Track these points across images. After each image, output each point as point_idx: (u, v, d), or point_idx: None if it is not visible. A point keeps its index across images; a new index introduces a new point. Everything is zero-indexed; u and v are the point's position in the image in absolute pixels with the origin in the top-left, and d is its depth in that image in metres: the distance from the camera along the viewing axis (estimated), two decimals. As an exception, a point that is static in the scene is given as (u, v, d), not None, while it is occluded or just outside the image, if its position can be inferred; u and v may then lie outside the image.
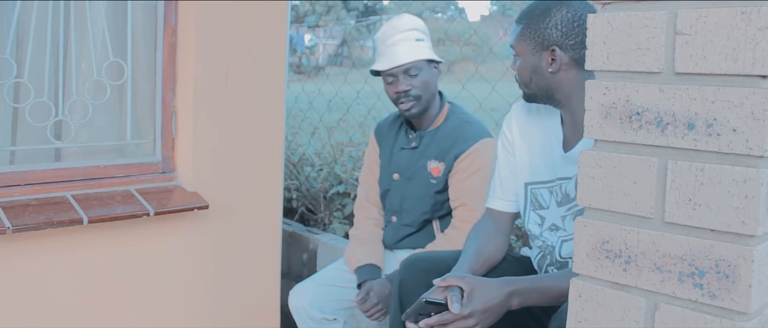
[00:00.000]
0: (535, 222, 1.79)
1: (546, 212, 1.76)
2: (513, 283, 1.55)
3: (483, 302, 1.51)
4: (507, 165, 1.85)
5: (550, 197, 1.75)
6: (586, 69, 1.60)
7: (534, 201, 1.78)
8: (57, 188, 2.21)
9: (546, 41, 1.62)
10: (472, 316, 1.50)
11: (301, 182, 3.81)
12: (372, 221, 2.44)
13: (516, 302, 1.55)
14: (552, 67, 1.62)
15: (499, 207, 1.87)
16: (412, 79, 2.23)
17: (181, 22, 2.37)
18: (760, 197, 0.86)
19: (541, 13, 1.63)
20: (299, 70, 9.17)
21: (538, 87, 1.67)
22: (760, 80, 0.86)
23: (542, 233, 1.77)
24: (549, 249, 1.75)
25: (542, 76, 1.65)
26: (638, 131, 0.96)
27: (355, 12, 19.14)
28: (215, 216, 2.43)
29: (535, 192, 1.78)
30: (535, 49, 1.64)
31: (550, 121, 1.76)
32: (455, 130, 2.27)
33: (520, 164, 1.82)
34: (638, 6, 0.97)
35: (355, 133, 4.28)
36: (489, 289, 1.52)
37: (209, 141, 2.41)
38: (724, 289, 0.89)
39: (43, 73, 2.21)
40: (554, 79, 1.64)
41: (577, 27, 1.60)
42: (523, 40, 1.65)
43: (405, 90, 2.23)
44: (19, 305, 2.10)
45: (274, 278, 2.64)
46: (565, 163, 1.71)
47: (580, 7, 1.62)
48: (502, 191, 1.86)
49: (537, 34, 1.63)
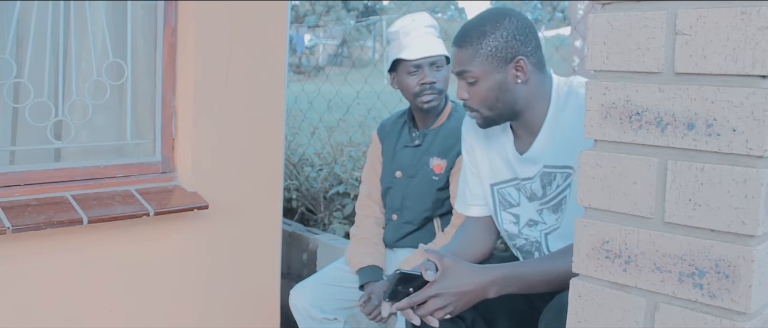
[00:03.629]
0: (510, 221, 1.77)
1: (518, 209, 1.75)
2: (491, 271, 1.49)
3: (455, 285, 1.45)
4: (470, 170, 1.85)
5: (518, 194, 1.74)
6: (542, 71, 1.64)
7: (502, 201, 1.78)
8: (57, 188, 2.21)
9: (509, 54, 1.58)
10: (439, 296, 1.45)
11: (301, 182, 3.81)
12: (373, 220, 2.44)
13: (494, 291, 1.49)
14: (521, 77, 1.59)
15: (473, 213, 1.87)
16: (437, 73, 2.25)
17: (181, 22, 2.37)
18: (760, 197, 0.86)
19: (492, 29, 1.58)
20: (299, 70, 9.17)
21: (505, 104, 1.63)
22: (760, 80, 0.86)
23: (521, 231, 1.75)
24: (535, 245, 1.73)
25: (510, 91, 1.61)
26: (638, 131, 0.96)
27: (355, 12, 19.14)
28: (215, 216, 2.43)
29: (502, 191, 1.78)
30: (499, 65, 1.59)
31: (498, 127, 1.75)
32: (458, 128, 2.28)
33: (482, 166, 1.81)
34: (638, 6, 0.97)
35: (355, 133, 4.28)
36: (464, 274, 1.47)
37: (209, 141, 2.41)
38: (724, 289, 0.89)
39: (43, 73, 2.21)
40: (526, 88, 1.61)
41: (529, 32, 1.60)
42: (481, 60, 1.59)
43: (432, 81, 2.23)
44: (19, 305, 2.10)
45: (274, 278, 2.64)
46: (522, 164, 1.70)
47: (516, 13, 1.62)
48: (471, 197, 1.86)
49: (497, 49, 1.58)
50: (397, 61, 2.27)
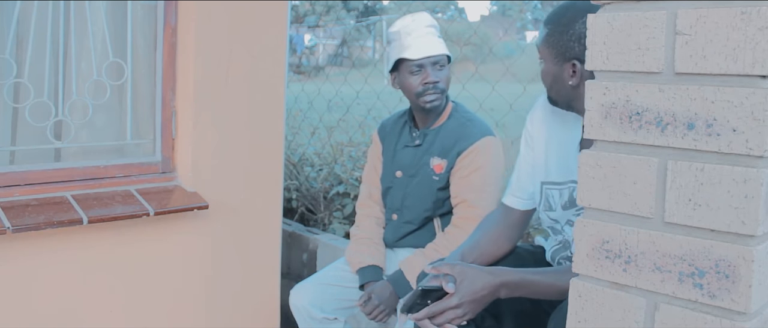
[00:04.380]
0: (548, 224, 1.79)
1: (554, 214, 1.76)
2: (503, 274, 1.54)
3: (471, 292, 1.51)
4: (527, 160, 1.82)
5: (558, 199, 1.74)
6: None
7: (545, 202, 1.78)
8: (57, 188, 2.21)
9: (568, 53, 1.57)
10: (460, 306, 1.50)
11: (301, 182, 3.81)
12: (374, 220, 2.45)
13: (504, 293, 1.54)
14: (573, 81, 1.58)
15: (510, 203, 1.85)
16: (440, 72, 2.26)
17: (181, 22, 2.37)
18: (760, 197, 0.86)
19: (567, 22, 1.57)
20: (299, 70, 9.16)
21: (559, 95, 1.64)
22: (759, 80, 0.86)
23: (563, 228, 1.76)
24: (567, 243, 1.75)
25: (563, 86, 1.61)
26: (638, 131, 0.96)
27: (355, 12, 19.13)
28: (215, 216, 2.43)
29: (547, 193, 1.77)
30: (557, 59, 1.59)
31: (571, 121, 1.72)
32: (458, 128, 2.29)
33: (538, 161, 1.79)
34: (638, 6, 0.97)
35: (355, 133, 4.27)
36: (478, 278, 1.52)
37: (209, 141, 2.41)
38: (724, 289, 0.89)
39: (43, 73, 2.21)
40: (575, 92, 1.59)
41: None
42: (546, 46, 1.61)
43: (435, 81, 2.24)
44: (19, 305, 2.10)
45: (274, 278, 2.64)
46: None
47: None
48: (517, 188, 1.84)
49: (560, 43, 1.58)
50: (399, 60, 2.27)
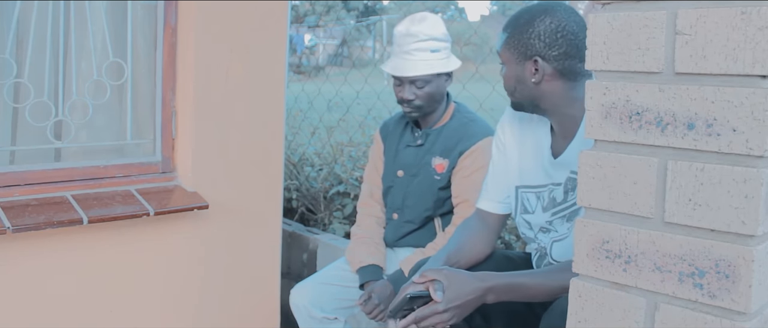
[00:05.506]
0: (525, 226, 1.79)
1: (531, 216, 1.76)
2: (490, 278, 1.55)
3: (458, 297, 1.52)
4: (499, 166, 1.85)
5: (536, 202, 1.75)
6: (570, 79, 1.62)
7: (521, 205, 1.79)
8: (57, 188, 2.20)
9: (529, 51, 1.60)
10: (447, 311, 1.51)
11: (301, 182, 3.81)
12: (374, 219, 2.45)
13: (491, 298, 1.55)
14: (535, 78, 1.61)
15: (486, 207, 1.87)
16: (418, 90, 2.25)
17: (181, 22, 2.37)
18: (760, 197, 0.86)
19: (525, 23, 1.61)
20: (299, 70, 9.17)
21: (523, 96, 1.66)
22: (760, 80, 0.86)
23: (536, 236, 1.77)
24: (544, 250, 1.75)
25: (526, 86, 1.63)
26: (638, 131, 0.96)
27: (355, 12, 19.13)
28: (215, 216, 2.43)
29: (523, 196, 1.78)
30: (519, 59, 1.62)
31: (540, 127, 1.75)
32: (460, 128, 2.29)
33: (511, 166, 1.81)
34: (638, 6, 0.97)
35: (355, 133, 4.28)
36: (465, 283, 1.53)
37: (209, 141, 2.41)
38: (724, 289, 0.89)
39: (43, 73, 2.21)
40: (538, 90, 1.62)
41: (561, 38, 1.57)
42: (507, 49, 1.64)
43: (408, 99, 2.25)
44: (19, 305, 2.10)
45: (274, 278, 2.64)
46: (554, 168, 1.70)
47: (565, 17, 1.59)
48: (493, 192, 1.86)
49: (520, 43, 1.61)
50: None
